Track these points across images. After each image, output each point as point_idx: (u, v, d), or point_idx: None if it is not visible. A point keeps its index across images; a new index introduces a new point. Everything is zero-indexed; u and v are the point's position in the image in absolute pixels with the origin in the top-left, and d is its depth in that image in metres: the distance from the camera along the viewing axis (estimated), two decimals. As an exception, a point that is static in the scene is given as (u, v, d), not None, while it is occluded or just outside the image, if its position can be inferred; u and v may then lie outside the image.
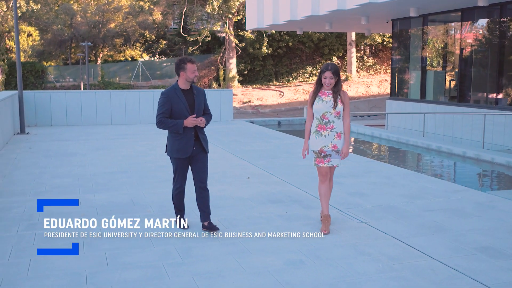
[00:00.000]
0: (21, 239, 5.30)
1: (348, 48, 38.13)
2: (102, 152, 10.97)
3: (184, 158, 5.46)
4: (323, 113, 5.49)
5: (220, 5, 33.43)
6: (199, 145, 5.50)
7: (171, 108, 5.35)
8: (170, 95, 5.38)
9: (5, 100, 12.44)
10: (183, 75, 5.36)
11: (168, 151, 5.54)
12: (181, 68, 5.35)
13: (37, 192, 7.36)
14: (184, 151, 5.41)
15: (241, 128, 15.42)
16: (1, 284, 4.19)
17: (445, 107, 16.56)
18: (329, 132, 5.51)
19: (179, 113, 5.35)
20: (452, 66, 17.20)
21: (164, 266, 4.63)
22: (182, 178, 5.57)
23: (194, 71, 5.37)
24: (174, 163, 5.54)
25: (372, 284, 4.26)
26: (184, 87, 5.43)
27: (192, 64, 5.36)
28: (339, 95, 5.49)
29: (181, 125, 5.32)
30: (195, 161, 5.52)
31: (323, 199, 5.71)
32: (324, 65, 5.51)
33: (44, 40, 42.64)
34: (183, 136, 5.38)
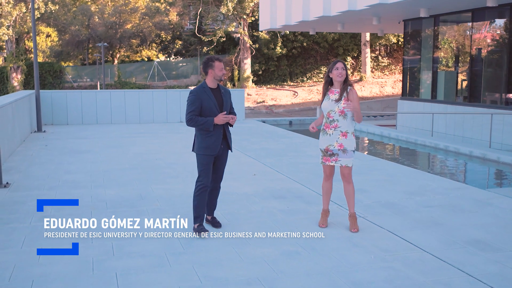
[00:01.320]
0: (33, 230, 5.60)
1: (362, 48, 38.19)
2: (114, 149, 11.29)
3: (212, 155, 5.49)
4: (328, 111, 5.56)
5: (235, 6, 33.71)
6: (226, 143, 5.60)
7: (201, 106, 5.40)
8: (200, 93, 5.43)
9: (23, 99, 12.84)
10: (211, 73, 5.46)
11: (196, 148, 5.55)
12: (209, 66, 5.45)
13: (50, 186, 7.68)
14: (213, 149, 5.45)
15: (252, 127, 15.66)
16: (13, 269, 4.49)
17: (456, 107, 16.62)
18: (333, 131, 5.53)
19: (209, 111, 5.40)
20: (463, 66, 17.24)
21: (167, 255, 4.88)
22: (207, 176, 5.53)
23: (222, 69, 5.49)
24: (201, 160, 5.50)
25: (362, 273, 4.47)
26: (212, 85, 5.52)
27: (219, 62, 5.49)
28: (345, 92, 5.48)
29: (212, 122, 5.36)
30: (220, 159, 5.63)
31: (324, 195, 5.82)
32: (333, 61, 5.59)
33: (62, 40, 43.40)
34: (213, 134, 5.43)
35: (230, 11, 33.56)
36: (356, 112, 5.46)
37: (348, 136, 5.52)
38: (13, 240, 5.28)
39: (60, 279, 4.30)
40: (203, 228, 5.47)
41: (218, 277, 4.37)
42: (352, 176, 5.72)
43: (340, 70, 5.49)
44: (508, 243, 5.24)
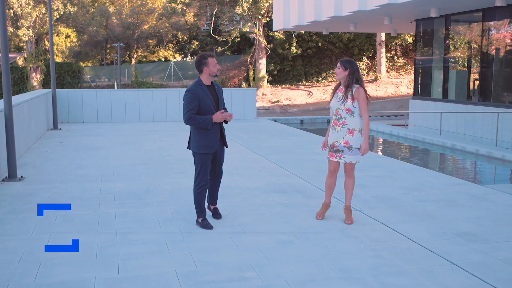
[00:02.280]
0: (43, 220, 5.92)
1: (377, 48, 38.21)
2: (126, 146, 11.62)
3: (210, 153, 5.56)
4: (336, 109, 5.65)
5: (250, 6, 33.98)
6: (222, 140, 5.71)
7: (198, 104, 5.41)
8: (197, 91, 5.42)
9: (39, 97, 13.26)
10: (206, 70, 5.43)
11: (193, 147, 5.57)
12: (204, 64, 5.42)
13: (63, 180, 8.03)
14: (211, 147, 5.51)
15: (262, 126, 15.91)
16: (23, 254, 4.80)
17: (467, 107, 16.68)
18: (341, 128, 5.62)
19: (207, 109, 5.43)
20: (474, 66, 17.28)
21: (167, 243, 5.16)
22: (206, 174, 5.59)
23: (216, 64, 5.48)
24: (200, 159, 5.54)
25: (350, 261, 4.69)
26: (207, 83, 5.52)
27: (213, 58, 5.47)
28: (350, 91, 5.56)
29: (210, 120, 5.39)
30: (218, 155, 5.73)
31: (327, 189, 5.96)
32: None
33: (81, 41, 44.11)
34: (211, 132, 5.47)
35: (245, 12, 33.85)
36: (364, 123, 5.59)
37: (355, 133, 5.60)
38: (25, 228, 5.60)
39: (65, 263, 4.59)
40: (208, 223, 5.62)
41: (213, 263, 4.63)
42: (354, 171, 5.89)
43: (336, 70, 5.70)
44: (495, 235, 5.42)
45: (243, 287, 4.12)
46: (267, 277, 4.32)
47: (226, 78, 38.92)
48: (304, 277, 4.32)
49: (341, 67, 5.64)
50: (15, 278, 4.24)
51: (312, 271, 4.45)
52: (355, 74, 5.60)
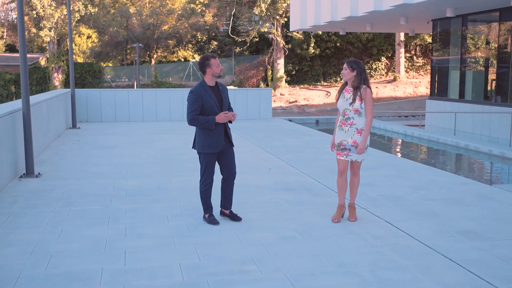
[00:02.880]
0: (57, 214, 6.15)
1: (396, 48, 38.06)
2: (142, 145, 11.86)
3: (214, 153, 5.64)
4: (344, 109, 5.69)
5: (268, 6, 34.12)
6: (227, 140, 5.72)
7: (202, 105, 5.49)
8: (200, 92, 5.49)
9: (58, 97, 13.58)
10: (209, 71, 5.51)
11: (198, 147, 5.67)
12: (206, 65, 5.50)
13: (78, 177, 8.27)
14: (215, 147, 5.58)
15: (277, 125, 16.04)
16: (35, 246, 5.02)
17: (483, 107, 16.59)
18: (349, 128, 5.66)
19: (210, 109, 5.50)
20: (491, 66, 17.18)
21: (173, 237, 5.34)
22: (211, 173, 5.71)
23: (219, 65, 5.54)
24: (204, 158, 5.65)
25: (350, 256, 4.81)
26: (211, 83, 5.59)
27: (215, 59, 5.54)
28: (359, 92, 5.60)
29: (213, 121, 5.46)
30: (224, 156, 5.74)
31: (339, 191, 5.90)
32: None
33: (101, 41, 44.72)
34: (215, 132, 5.54)
35: (263, 12, 34.00)
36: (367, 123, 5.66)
37: (362, 133, 5.66)
38: (39, 221, 5.83)
39: (75, 255, 4.80)
40: (214, 219, 5.77)
41: (216, 256, 4.79)
42: (360, 170, 5.95)
43: (343, 71, 5.73)
44: (497, 233, 5.48)
45: (242, 280, 4.27)
46: (267, 271, 4.46)
47: (244, 78, 39.12)
48: (302, 271, 4.45)
49: (349, 68, 5.65)
50: (27, 268, 4.45)
51: (311, 266, 4.58)
52: (363, 74, 5.64)
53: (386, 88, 36.66)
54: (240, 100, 17.74)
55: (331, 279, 4.29)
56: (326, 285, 4.18)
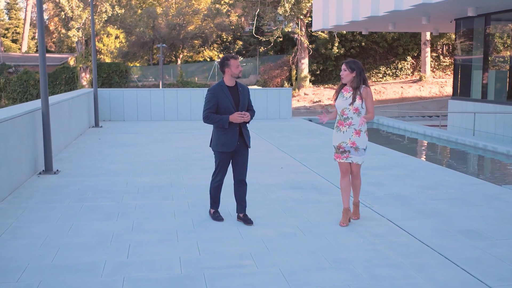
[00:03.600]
0: (70, 209, 6.40)
1: (422, 47, 37.67)
2: (160, 143, 12.11)
3: (228, 152, 5.69)
4: (343, 109, 5.66)
5: (292, 6, 34.17)
6: (242, 140, 5.72)
7: (217, 104, 5.56)
8: (217, 91, 5.58)
9: (81, 96, 13.94)
10: (228, 71, 5.58)
11: (212, 145, 5.78)
12: (226, 65, 5.57)
13: (94, 174, 8.53)
14: (229, 146, 5.64)
15: (296, 125, 16.13)
16: (46, 239, 5.26)
17: (506, 107, 16.38)
18: (347, 129, 5.64)
19: (225, 109, 5.57)
20: (514, 65, 16.94)
21: (177, 232, 5.52)
22: (223, 171, 5.81)
23: (238, 66, 5.59)
24: (218, 157, 5.76)
25: (346, 253, 4.91)
26: (230, 84, 5.64)
27: (235, 60, 5.60)
28: (358, 92, 5.59)
29: (227, 120, 5.52)
30: (238, 156, 5.77)
31: (343, 193, 5.88)
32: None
33: (129, 42, 45.40)
34: (229, 131, 5.61)
35: (287, 12, 34.06)
36: (368, 116, 5.63)
37: (361, 134, 5.66)
38: (51, 216, 6.08)
39: (81, 248, 5.01)
40: (219, 216, 5.90)
41: (216, 251, 4.95)
42: (360, 171, 5.92)
43: (341, 72, 5.69)
44: (498, 233, 5.51)
45: (238, 274, 4.42)
46: (263, 266, 4.60)
47: (268, 78, 39.23)
48: (298, 267, 4.58)
49: (348, 69, 5.63)
50: (35, 259, 4.69)
51: (307, 261, 4.70)
52: (362, 74, 5.61)
53: (411, 88, 36.33)
54: (260, 100, 17.89)
55: (324, 275, 4.41)
56: (319, 280, 4.30)
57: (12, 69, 41.79)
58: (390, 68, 39.86)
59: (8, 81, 39.75)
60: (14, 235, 5.39)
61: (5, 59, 44.37)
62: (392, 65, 39.89)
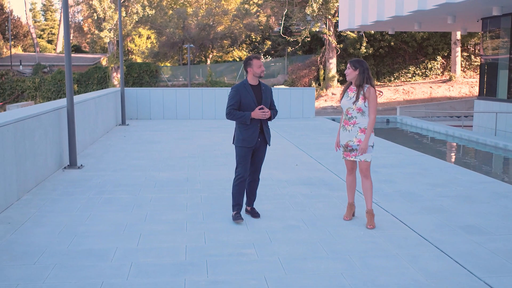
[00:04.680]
0: (89, 201, 6.78)
1: (452, 47, 37.25)
2: (182, 141, 12.47)
3: (249, 147, 5.82)
4: (347, 108, 5.72)
5: (320, 6, 34.27)
6: (263, 137, 5.89)
7: (240, 101, 5.75)
8: (240, 89, 5.79)
9: (108, 95, 14.43)
10: (250, 70, 5.78)
11: (235, 141, 5.92)
12: (248, 64, 5.79)
13: (115, 169, 8.93)
14: (249, 141, 5.79)
15: (318, 124, 16.30)
16: (64, 227, 5.63)
17: (532, 107, 16.22)
18: (352, 128, 5.70)
19: (247, 106, 5.74)
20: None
21: (187, 223, 5.82)
22: (245, 167, 5.87)
23: (260, 66, 5.76)
24: (239, 152, 5.86)
25: (344, 245, 5.13)
26: (253, 82, 5.83)
27: (257, 60, 5.78)
28: (362, 91, 5.63)
29: (249, 116, 5.69)
30: (257, 152, 5.93)
31: (348, 190, 6.01)
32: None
33: (159, 42, 46.18)
34: (250, 127, 5.77)
35: (315, 12, 34.17)
36: (370, 122, 5.64)
37: (367, 132, 5.68)
38: (71, 207, 6.47)
39: (96, 235, 5.36)
40: (240, 216, 5.95)
41: (221, 240, 5.23)
42: (370, 171, 5.87)
43: (346, 70, 5.80)
44: (498, 229, 5.63)
45: (238, 261, 4.69)
46: (263, 254, 4.86)
47: (296, 77, 39.40)
48: (296, 255, 4.82)
49: (351, 67, 5.72)
50: (52, 245, 5.05)
51: (305, 251, 4.94)
52: (365, 73, 5.66)
53: (440, 88, 35.99)
54: (284, 99, 18.12)
55: (320, 264, 4.64)
56: (314, 269, 4.53)
57: (47, 69, 43.03)
58: (420, 68, 39.53)
59: (43, 80, 40.96)
60: (36, 223, 5.78)
61: (40, 59, 45.67)
62: (421, 65, 39.55)
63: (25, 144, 7.11)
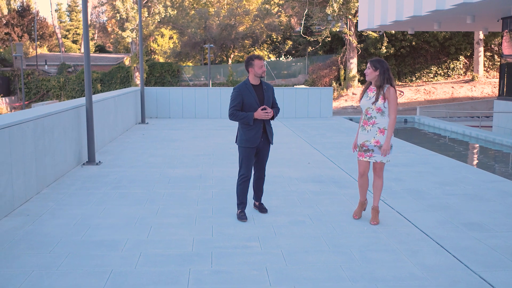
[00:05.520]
0: (104, 195, 7.05)
1: (475, 47, 36.91)
2: (199, 139, 12.72)
3: (252, 147, 5.89)
4: (366, 108, 5.73)
5: (340, 6, 34.28)
6: (265, 137, 5.95)
7: (242, 101, 5.81)
8: (242, 89, 5.83)
9: (127, 94, 14.76)
10: (251, 71, 5.82)
11: (238, 141, 5.98)
12: (250, 64, 5.82)
13: (132, 165, 9.20)
14: (253, 141, 5.86)
15: (334, 124, 16.40)
16: (79, 219, 5.90)
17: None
18: (371, 128, 5.70)
19: (250, 106, 5.79)
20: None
21: (197, 217, 6.04)
22: (248, 167, 5.96)
23: (261, 66, 5.79)
24: (242, 152, 5.94)
25: (347, 239, 5.29)
26: (254, 82, 5.87)
27: (259, 60, 5.82)
28: (382, 91, 5.63)
29: (252, 117, 5.75)
30: (260, 152, 6.00)
31: (361, 189, 6.00)
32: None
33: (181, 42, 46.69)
34: (253, 128, 5.84)
35: (335, 12, 34.19)
36: (390, 123, 5.65)
37: (385, 132, 5.68)
38: (88, 200, 6.74)
39: (109, 227, 5.62)
40: (244, 215, 5.96)
41: (227, 233, 5.44)
42: (383, 171, 5.92)
43: (366, 70, 5.82)
44: (500, 226, 5.72)
45: (242, 253, 4.88)
46: (267, 247, 5.04)
47: (317, 77, 39.46)
48: (298, 249, 5.00)
49: (371, 67, 5.69)
50: (66, 236, 5.31)
51: (308, 245, 5.12)
52: (386, 73, 5.65)
53: (463, 88, 35.68)
54: (301, 99, 18.27)
55: (321, 256, 4.81)
56: (315, 261, 4.70)
57: (71, 69, 43.86)
58: (442, 68, 39.24)
59: (67, 80, 41.78)
60: (53, 215, 6.06)
61: (65, 59, 46.56)
62: (443, 65, 39.26)
63: (44, 140, 7.42)
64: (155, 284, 4.18)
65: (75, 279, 4.26)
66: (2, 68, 43.08)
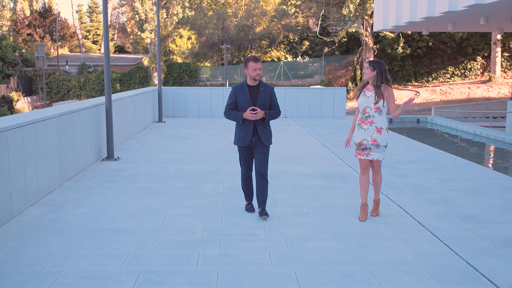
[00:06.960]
0: (122, 188, 7.50)
1: (492, 47, 36.82)
2: (213, 137, 13.15)
3: (245, 147, 6.02)
4: (364, 107, 5.86)
5: (356, 7, 34.50)
6: (257, 137, 5.98)
7: (236, 101, 5.97)
8: (237, 89, 5.95)
9: (145, 94, 15.26)
10: (246, 72, 5.91)
11: (233, 140, 6.24)
12: (245, 66, 5.91)
13: (148, 161, 9.66)
14: (243, 141, 5.98)
15: (347, 123, 16.71)
16: (98, 209, 6.35)
17: None
18: (368, 126, 5.84)
19: (242, 106, 5.90)
20: None
21: (208, 208, 6.45)
22: (246, 165, 6.15)
23: (255, 69, 5.80)
24: (238, 151, 6.18)
25: (346, 228, 5.65)
26: (251, 83, 5.92)
27: (254, 63, 5.82)
28: (380, 91, 5.78)
29: (241, 117, 5.87)
30: (256, 152, 6.04)
31: (362, 189, 6.11)
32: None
33: (199, 42, 47.29)
34: (243, 128, 5.95)
35: (352, 13, 34.42)
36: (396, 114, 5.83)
37: (382, 132, 5.86)
38: (106, 193, 7.20)
39: (125, 217, 6.06)
40: (252, 207, 6.28)
41: (235, 223, 5.84)
42: (381, 167, 6.19)
43: (364, 70, 6.09)
44: (495, 218, 6.03)
45: (248, 240, 5.28)
46: (271, 235, 5.44)
47: (333, 78, 39.69)
48: (300, 236, 5.38)
49: (370, 67, 5.86)
50: (86, 224, 5.77)
51: (309, 233, 5.50)
52: (383, 74, 5.80)
53: (479, 89, 35.64)
54: (315, 99, 18.62)
55: (321, 243, 5.19)
56: (315, 247, 5.08)
57: (91, 69, 44.72)
58: (459, 68, 39.20)
59: (87, 80, 42.62)
60: (74, 205, 6.53)
61: (85, 59, 47.46)
62: (461, 65, 39.22)
63: (66, 136, 7.90)
64: (168, 265, 4.60)
65: (95, 260, 4.70)
66: (24, 68, 44.11)
